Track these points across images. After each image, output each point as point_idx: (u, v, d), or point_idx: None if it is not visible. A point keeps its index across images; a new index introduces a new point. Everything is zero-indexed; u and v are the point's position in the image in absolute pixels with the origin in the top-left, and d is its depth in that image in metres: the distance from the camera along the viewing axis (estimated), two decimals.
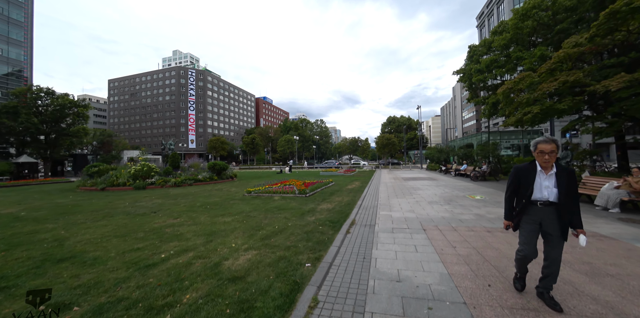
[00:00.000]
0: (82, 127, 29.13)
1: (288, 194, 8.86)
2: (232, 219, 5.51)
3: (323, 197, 8.34)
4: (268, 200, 8.13)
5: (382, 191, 9.82)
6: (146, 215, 6.15)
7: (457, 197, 7.93)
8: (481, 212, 5.75)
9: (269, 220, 5.38)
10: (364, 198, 7.99)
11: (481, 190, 9.64)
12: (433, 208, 6.33)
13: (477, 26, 72.57)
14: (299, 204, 7.19)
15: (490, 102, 12.93)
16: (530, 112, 7.35)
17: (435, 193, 9.04)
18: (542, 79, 7.75)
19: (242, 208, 6.72)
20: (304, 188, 9.03)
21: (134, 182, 12.66)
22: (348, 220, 5.21)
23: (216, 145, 49.00)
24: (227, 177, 16.72)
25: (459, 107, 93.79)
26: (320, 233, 4.32)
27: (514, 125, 8.69)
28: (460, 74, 15.88)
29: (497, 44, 12.06)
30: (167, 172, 14.11)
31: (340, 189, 10.55)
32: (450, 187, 10.62)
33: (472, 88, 15.62)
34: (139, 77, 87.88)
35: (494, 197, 7.91)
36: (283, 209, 6.51)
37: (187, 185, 13.36)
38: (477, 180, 13.29)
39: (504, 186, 11.58)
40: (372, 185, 12.16)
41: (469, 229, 4.34)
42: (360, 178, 16.22)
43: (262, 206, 7.03)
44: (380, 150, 39.90)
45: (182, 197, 9.15)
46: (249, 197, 8.77)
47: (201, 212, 6.36)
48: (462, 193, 8.75)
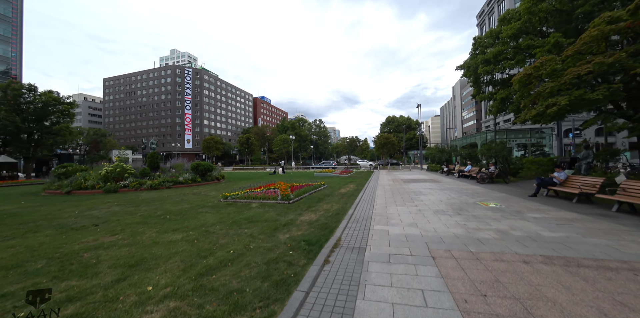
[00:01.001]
0: (67, 125, 27.75)
1: (269, 200, 7.61)
2: (183, 237, 4.26)
3: (309, 204, 7.09)
4: (244, 207, 6.88)
5: (379, 196, 8.59)
6: (82, 230, 4.90)
7: (467, 205, 6.70)
8: (503, 226, 4.52)
9: (228, 238, 4.13)
10: (356, 206, 6.75)
11: (492, 195, 8.42)
12: (440, 220, 5.09)
13: (478, 24, 71.58)
14: (276, 214, 5.94)
15: (499, 97, 11.73)
16: (555, 104, 6.15)
17: (440, 199, 7.80)
18: (566, 64, 6.55)
19: (206, 220, 5.47)
20: (288, 194, 7.78)
21: (104, 184, 11.40)
22: (331, 239, 3.97)
23: (210, 145, 47.64)
24: (212, 178, 15.45)
25: (459, 107, 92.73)
26: (288, 263, 3.08)
27: (532, 120, 7.49)
28: (464, 68, 14.67)
29: (506, 33, 10.85)
30: (144, 174, 12.84)
31: (331, 193, 9.31)
32: (456, 191, 9.39)
33: (477, 83, 14.41)
34: (135, 75, 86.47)
35: (510, 204, 6.68)
36: (255, 221, 5.27)
37: (164, 188, 12.10)
38: (484, 183, 12.07)
39: (517, 190, 10.39)
40: (369, 188, 10.93)
41: (497, 257, 3.11)
42: (356, 180, 14.98)
43: (231, 216, 5.78)
44: (379, 150, 38.68)
45: (148, 204, 7.89)
46: (223, 204, 7.52)
47: (152, 226, 5.11)
48: (471, 199, 7.52)
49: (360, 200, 7.78)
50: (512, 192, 9.03)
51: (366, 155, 61.36)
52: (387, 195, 8.67)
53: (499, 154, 12.36)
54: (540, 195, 7.92)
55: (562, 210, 5.73)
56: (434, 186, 11.32)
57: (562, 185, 7.46)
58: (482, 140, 18.36)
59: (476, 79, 14.11)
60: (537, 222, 4.78)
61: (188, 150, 78.09)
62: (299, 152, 62.07)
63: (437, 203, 7.06)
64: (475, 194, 8.59)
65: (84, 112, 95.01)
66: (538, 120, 7.32)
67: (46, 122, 27.35)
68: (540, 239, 3.75)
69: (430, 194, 8.80)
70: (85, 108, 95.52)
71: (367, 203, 7.16)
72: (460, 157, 18.01)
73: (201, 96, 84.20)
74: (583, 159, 9.28)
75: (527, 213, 5.56)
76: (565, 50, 6.49)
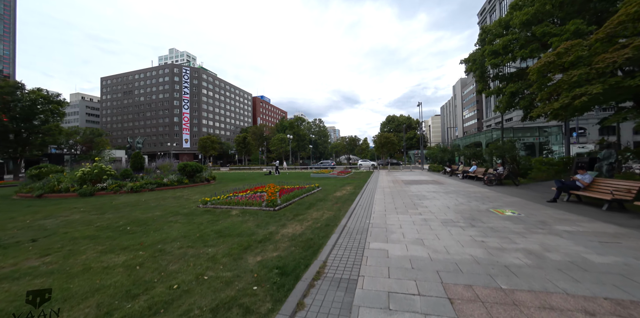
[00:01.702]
0: (56, 124, 26.81)
1: (252, 207, 6.69)
2: (126, 260, 3.34)
3: (296, 212, 6.16)
4: (221, 215, 5.97)
5: (377, 201, 7.66)
6: (11, 248, 3.98)
7: (479, 213, 5.78)
8: (532, 245, 3.59)
9: (182, 263, 3.21)
10: (351, 214, 5.83)
11: (505, 200, 7.49)
12: (452, 234, 4.17)
13: (479, 23, 70.65)
14: (256, 225, 5.02)
15: (509, 91, 10.79)
16: (585, 94, 5.22)
17: (447, 204, 6.87)
18: (594, 50, 5.63)
19: (169, 234, 4.55)
20: (274, 199, 6.85)
21: (80, 187, 10.48)
22: (314, 264, 3.06)
23: (206, 145, 46.66)
24: (201, 180, 14.54)
25: (460, 106, 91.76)
26: (245, 310, 2.16)
27: (552, 114, 6.56)
28: (469, 61, 13.73)
29: (518, 20, 9.89)
30: (126, 175, 11.92)
31: (324, 198, 8.38)
32: (463, 195, 8.46)
33: (483, 77, 13.47)
34: (132, 74, 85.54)
35: (530, 212, 5.75)
36: (226, 236, 4.35)
37: (146, 191, 11.20)
38: (492, 185, 11.15)
39: (531, 194, 8.71)
40: (367, 191, 10.00)
41: (542, 302, 2.18)
42: (354, 182, 14.06)
43: (202, 228, 4.86)
44: (379, 149, 37.74)
45: (117, 210, 6.98)
46: (200, 210, 6.60)
47: (101, 242, 4.19)
48: (483, 205, 6.59)
49: (357, 206, 6.86)
50: (526, 196, 8.09)
51: (366, 154, 60.43)
52: (387, 200, 7.75)
53: (507, 154, 11.42)
54: (560, 200, 7.00)
55: (597, 221, 4.80)
56: (437, 189, 10.40)
57: (587, 189, 6.53)
58: (487, 139, 17.41)
59: (482, 73, 13.18)
60: (573, 238, 3.86)
61: (186, 149, 77.19)
62: (298, 151, 61.13)
63: (444, 210, 6.13)
64: (486, 199, 7.66)
65: (81, 112, 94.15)
66: (560, 114, 6.39)
67: (35, 121, 26.44)
68: (590, 267, 2.82)
69: (435, 199, 7.87)
70: (83, 107, 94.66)
71: (363, 210, 6.23)
72: (464, 157, 17.07)
73: (199, 95, 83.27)
74: (604, 159, 8.35)
75: (554, 224, 4.64)
76: (595, 33, 5.56)
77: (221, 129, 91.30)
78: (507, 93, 10.72)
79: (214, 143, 47.50)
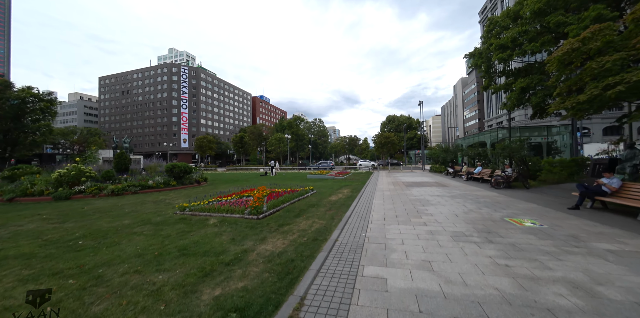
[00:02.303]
0: (46, 123, 26.06)
1: (233, 214, 5.89)
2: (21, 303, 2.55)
3: (282, 221, 5.37)
4: (196, 225, 5.18)
5: (376, 207, 6.86)
6: None
7: (493, 222, 4.97)
8: (574, 273, 2.79)
9: (109, 302, 2.41)
10: (345, 224, 5.03)
11: (519, 206, 6.68)
12: (466, 254, 3.37)
13: (480, 21, 69.90)
14: (230, 239, 4.23)
15: (519, 86, 9.99)
16: (622, 82, 4.42)
17: (454, 211, 6.07)
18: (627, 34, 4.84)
19: (123, 251, 3.76)
20: (259, 205, 6.05)
21: (55, 190, 9.70)
22: (287, 302, 2.27)
23: (203, 145, 45.81)
24: (191, 181, 13.75)
25: (461, 106, 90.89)
26: None
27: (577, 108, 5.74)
28: (474, 56, 12.93)
29: (529, 9, 9.08)
30: (107, 177, 11.13)
31: (318, 203, 7.58)
32: (471, 200, 7.66)
33: (489, 73, 12.67)
34: (130, 74, 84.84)
35: (553, 222, 4.94)
36: (190, 254, 3.56)
37: (129, 194, 10.42)
38: (500, 188, 10.34)
39: (546, 198, 7.36)
40: (365, 194, 9.21)
41: None
42: (352, 184, 13.26)
43: (165, 243, 4.08)
44: (379, 149, 36.92)
45: (83, 217, 6.19)
46: (174, 219, 5.81)
47: (36, 262, 3.40)
48: (495, 213, 5.79)
49: (352, 213, 6.06)
50: (541, 201, 7.28)
51: (366, 155, 59.60)
52: (387, 206, 6.94)
53: (516, 154, 10.61)
54: (583, 207, 6.19)
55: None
56: (442, 192, 9.59)
57: (615, 195, 5.73)
58: (492, 138, 16.60)
59: (488, 68, 12.38)
60: (623, 262, 3.05)
61: (184, 149, 76.43)
62: (297, 151, 60.32)
63: (452, 219, 5.33)
64: (497, 205, 6.86)
65: (79, 112, 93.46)
66: (584, 108, 5.58)
67: (25, 120, 25.70)
68: None
69: (440, 204, 7.06)
70: (81, 107, 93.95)
71: (359, 219, 5.43)
72: (468, 158, 16.27)
73: (198, 95, 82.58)
74: (627, 160, 7.54)
75: (590, 240, 3.83)
76: (631, 13, 4.77)
77: (220, 128, 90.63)
78: (517, 89, 9.92)
79: (211, 143, 46.66)
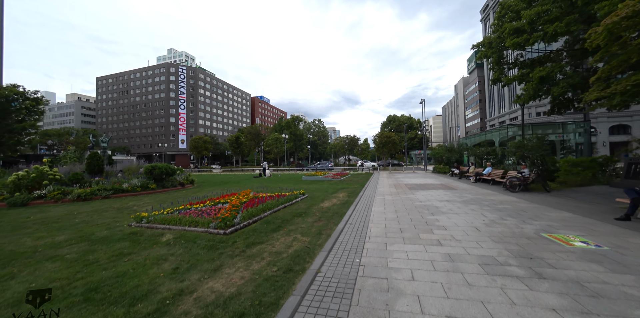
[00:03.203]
0: (32, 123, 24.93)
1: (196, 227, 4.70)
2: None
3: (254, 238, 4.17)
4: (144, 243, 4.00)
5: (375, 216, 5.67)
6: None
7: (529, 242, 3.78)
8: None
9: None
10: (335, 243, 3.84)
11: (550, 215, 5.47)
12: (513, 303, 2.17)
13: (482, 19, 68.90)
14: (172, 269, 3.04)
15: (537, 76, 8.81)
16: None
17: (473, 223, 4.87)
18: None
19: (3, 292, 2.58)
20: (228, 217, 4.85)
21: (11, 195, 8.54)
22: None
23: (198, 145, 44.60)
24: (173, 184, 12.57)
25: (462, 106, 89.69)
26: None
27: (622, 98, 4.57)
28: (483, 45, 11.75)
29: None
30: (75, 180, 9.95)
31: (306, 211, 6.38)
32: (488, 206, 6.46)
33: (499, 64, 11.51)
34: (128, 74, 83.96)
35: (611, 240, 3.75)
36: (94, 301, 2.37)
37: (99, 198, 9.26)
38: (516, 191, 9.14)
39: (578, 205, 4.74)
40: (363, 200, 8.01)
41: None
42: (350, 186, 12.05)
43: (79, 277, 2.89)
44: (379, 149, 35.70)
45: (14, 231, 5.03)
46: (124, 233, 4.63)
47: None
48: (526, 225, 4.59)
49: (346, 225, 4.86)
50: (574, 208, 6.07)
51: (366, 155, 58.35)
52: (389, 215, 5.74)
53: (534, 153, 9.40)
54: (635, 217, 4.99)
55: None
56: (451, 196, 8.39)
57: None
58: (502, 136, 15.41)
59: (499, 59, 11.21)
60: None
61: (182, 150, 75.29)
62: (296, 152, 59.12)
63: (473, 234, 4.13)
64: (522, 213, 5.66)
65: (77, 113, 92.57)
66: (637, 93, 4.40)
67: (10, 119, 24.58)
68: None
69: (452, 212, 5.86)
70: (78, 108, 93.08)
71: (354, 235, 4.24)
72: (476, 157, 15.06)
73: (196, 95, 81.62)
74: None
75: None
76: None
77: (219, 129, 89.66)
78: (535, 78, 8.73)
79: (207, 143, 45.46)
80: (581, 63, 9.06)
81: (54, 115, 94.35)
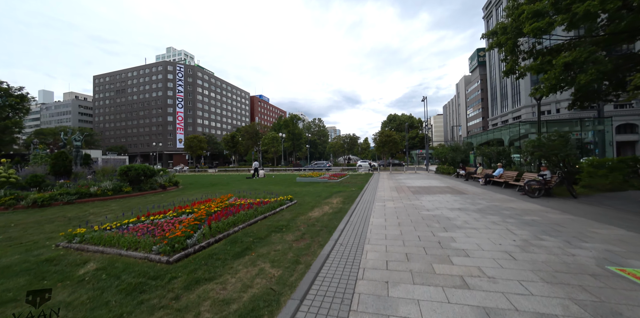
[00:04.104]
0: (15, 120, 23.81)
1: (135, 252, 3.54)
2: None
3: (203, 271, 3.00)
4: (52, 278, 2.84)
5: (374, 233, 4.49)
6: None
7: (595, 280, 2.61)
8: None
9: None
10: (313, 282, 2.67)
11: (600, 232, 4.29)
12: None
13: (484, 17, 67.55)
14: None
15: (561, 62, 7.63)
16: None
17: (502, 246, 3.69)
18: None
19: None
20: (181, 236, 3.68)
21: None
22: None
23: (193, 145, 43.45)
24: (153, 187, 11.42)
25: (463, 105, 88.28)
26: None
27: None
28: (496, 33, 10.55)
29: None
30: (34, 183, 8.79)
31: (289, 223, 5.20)
32: (511, 218, 5.27)
33: (514, 53, 10.32)
34: (125, 72, 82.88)
35: None
36: None
37: (60, 204, 8.13)
38: (536, 196, 7.95)
39: (623, 216, 3.06)
40: (360, 207, 6.83)
41: None
42: (347, 190, 10.87)
43: None
44: (380, 149, 34.49)
45: None
46: (36, 260, 3.47)
47: None
48: (576, 251, 3.41)
49: (334, 248, 3.69)
50: (622, 222, 4.88)
51: (367, 155, 57.13)
52: (390, 232, 4.56)
53: (558, 153, 8.20)
54: None
55: None
56: (462, 202, 7.20)
57: None
58: (512, 134, 14.20)
59: (513, 47, 10.01)
60: None
61: (180, 150, 74.16)
62: (294, 151, 57.91)
63: (510, 268, 2.95)
64: (559, 228, 4.47)
65: (74, 112, 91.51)
66: None
67: None
68: None
69: (470, 227, 4.67)
70: (75, 107, 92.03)
71: (344, 266, 3.06)
72: (485, 157, 13.85)
73: (194, 94, 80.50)
74: None
75: None
76: None
77: (217, 128, 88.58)
78: (559, 65, 7.54)
79: (202, 143, 44.29)
80: (614, 49, 7.91)
81: (50, 114, 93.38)
